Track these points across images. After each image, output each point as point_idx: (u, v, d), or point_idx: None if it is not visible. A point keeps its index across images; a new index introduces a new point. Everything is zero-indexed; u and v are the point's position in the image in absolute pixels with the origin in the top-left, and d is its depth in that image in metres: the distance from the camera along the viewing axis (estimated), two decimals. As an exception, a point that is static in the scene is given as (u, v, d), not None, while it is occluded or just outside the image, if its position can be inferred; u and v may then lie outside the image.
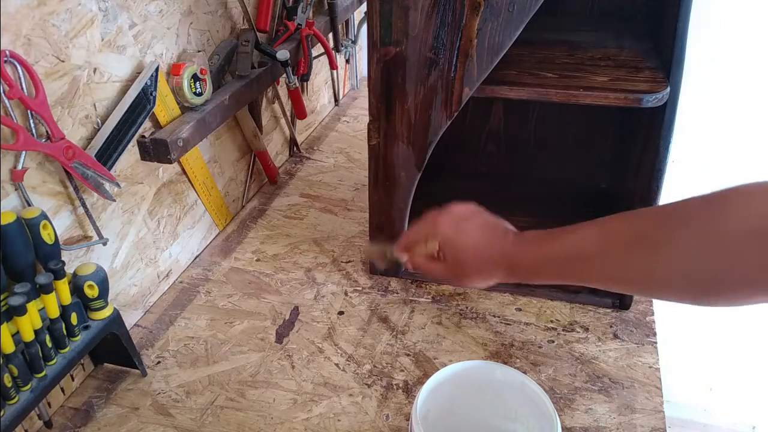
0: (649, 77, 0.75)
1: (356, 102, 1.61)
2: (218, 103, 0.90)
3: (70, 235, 0.73)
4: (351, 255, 1.01)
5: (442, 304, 0.90)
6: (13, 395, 0.60)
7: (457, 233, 0.65)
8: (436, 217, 0.67)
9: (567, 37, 0.90)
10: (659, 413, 0.73)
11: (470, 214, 0.67)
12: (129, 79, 0.78)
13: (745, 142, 1.41)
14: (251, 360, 0.81)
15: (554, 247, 0.58)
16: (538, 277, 0.61)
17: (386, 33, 0.73)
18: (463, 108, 0.76)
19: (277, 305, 0.90)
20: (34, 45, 0.63)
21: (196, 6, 0.89)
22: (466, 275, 0.65)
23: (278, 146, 1.28)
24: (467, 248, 0.64)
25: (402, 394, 0.76)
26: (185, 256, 0.98)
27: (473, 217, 0.66)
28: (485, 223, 0.66)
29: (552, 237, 0.59)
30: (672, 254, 0.48)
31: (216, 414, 0.73)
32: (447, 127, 0.78)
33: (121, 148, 0.76)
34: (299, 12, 1.12)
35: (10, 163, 0.63)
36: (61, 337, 0.65)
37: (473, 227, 0.65)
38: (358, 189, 1.21)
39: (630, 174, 0.93)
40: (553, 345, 0.83)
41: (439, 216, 0.67)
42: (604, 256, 0.54)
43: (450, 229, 0.66)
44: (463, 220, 0.66)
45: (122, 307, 0.83)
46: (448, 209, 0.68)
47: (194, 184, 0.96)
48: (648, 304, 0.89)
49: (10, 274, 0.62)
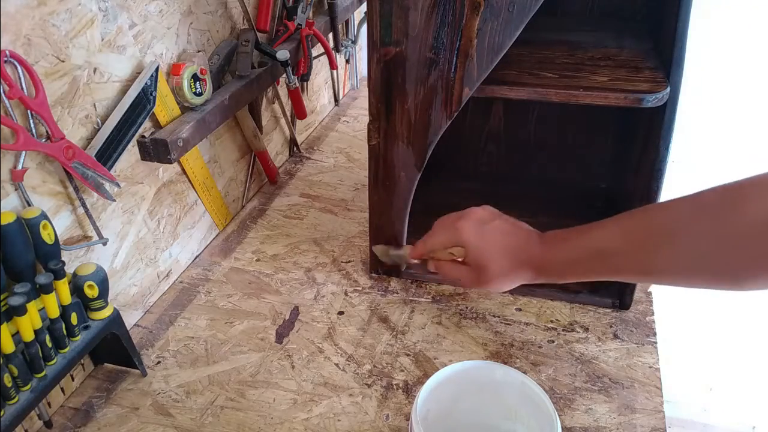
0: (649, 77, 0.75)
1: (356, 102, 1.61)
2: (218, 103, 0.90)
3: (70, 235, 0.73)
4: (351, 255, 1.01)
5: (442, 304, 0.90)
6: (13, 395, 0.60)
7: (482, 238, 0.65)
8: (457, 222, 0.67)
9: (567, 37, 0.90)
10: (659, 413, 0.73)
11: (490, 217, 0.66)
12: (129, 79, 0.78)
13: (745, 142, 1.42)
14: (251, 360, 0.81)
15: (581, 246, 0.59)
16: (566, 275, 0.62)
17: (386, 33, 0.73)
18: (463, 108, 0.76)
19: (277, 305, 0.90)
20: (34, 45, 0.63)
21: (196, 6, 0.89)
22: (492, 279, 0.65)
23: (278, 146, 1.28)
24: (493, 252, 0.64)
25: (402, 394, 0.76)
26: (185, 256, 0.98)
27: (494, 220, 0.66)
28: (507, 226, 0.65)
29: (576, 236, 0.60)
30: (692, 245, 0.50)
31: (216, 414, 0.73)
32: (447, 127, 0.78)
33: (121, 148, 0.76)
34: (299, 12, 1.12)
35: (10, 163, 0.63)
36: (61, 337, 0.65)
37: (496, 231, 0.65)
38: (358, 189, 1.21)
39: (630, 174, 0.93)
40: (553, 345, 0.83)
41: (459, 221, 0.66)
42: (628, 250, 0.55)
43: (473, 233, 0.65)
44: (484, 223, 0.66)
45: (122, 307, 0.83)
46: (466, 214, 0.67)
47: (194, 184, 0.96)
48: (648, 304, 0.89)
49: (10, 274, 0.62)
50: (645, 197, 0.79)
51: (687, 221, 0.50)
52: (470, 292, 0.92)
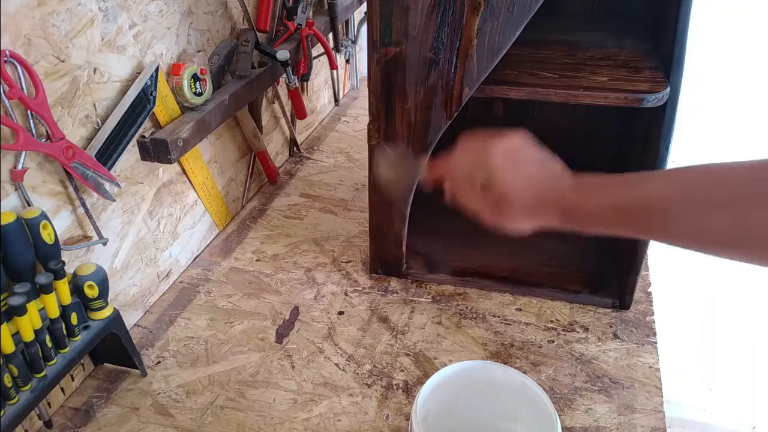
0: (649, 77, 0.75)
1: (356, 102, 1.61)
2: (218, 103, 0.90)
3: (70, 235, 0.73)
4: (351, 255, 1.01)
5: (442, 304, 0.90)
6: (13, 395, 0.60)
7: (511, 166, 0.58)
8: (486, 144, 0.59)
9: (567, 37, 0.90)
10: (659, 413, 0.73)
11: (525, 147, 0.59)
12: (129, 79, 0.78)
13: (745, 141, 1.42)
14: (251, 360, 0.81)
15: (622, 197, 0.52)
16: (596, 224, 0.54)
17: (386, 33, 0.73)
18: (463, 108, 0.76)
19: (277, 305, 0.90)
20: (34, 45, 0.63)
21: (196, 6, 0.89)
22: (512, 214, 0.58)
23: (278, 146, 1.28)
24: (520, 184, 0.57)
25: (402, 394, 0.76)
26: (185, 256, 0.98)
27: (528, 150, 0.59)
28: (541, 159, 0.59)
29: (618, 183, 0.53)
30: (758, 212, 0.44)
31: (216, 414, 0.73)
32: (447, 127, 0.78)
33: (121, 148, 0.76)
34: (299, 12, 1.12)
35: (10, 163, 0.63)
36: (61, 337, 0.65)
37: (528, 162, 0.58)
38: (358, 189, 1.21)
39: (630, 174, 0.93)
40: (553, 345, 0.83)
41: (491, 143, 0.59)
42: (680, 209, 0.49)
43: (502, 159, 0.58)
44: (517, 151, 0.59)
45: (122, 307, 0.83)
46: (499, 138, 0.59)
47: (194, 184, 0.96)
48: (648, 304, 0.89)
49: (10, 274, 0.62)
50: (645, 197, 0.79)
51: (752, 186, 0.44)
52: (470, 292, 0.92)
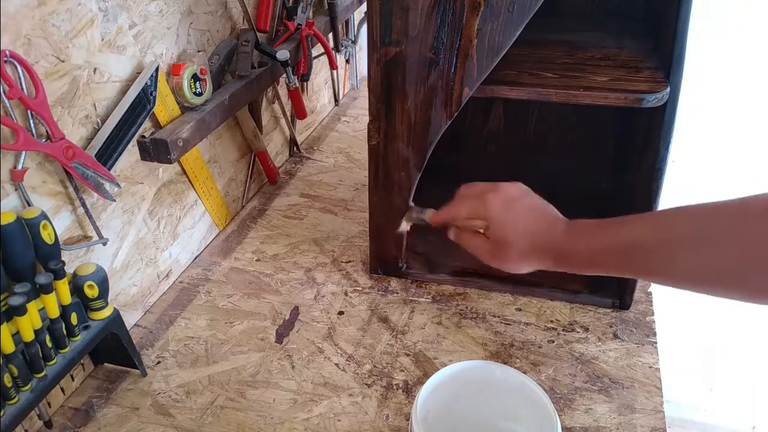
0: (649, 77, 0.75)
1: (356, 102, 1.61)
2: (218, 103, 0.90)
3: (70, 235, 0.73)
4: (351, 255, 1.01)
5: (442, 304, 0.90)
6: (13, 395, 0.60)
7: (507, 216, 0.64)
8: (485, 195, 0.66)
9: (567, 37, 0.89)
10: (659, 413, 0.73)
11: (521, 195, 0.65)
12: (129, 79, 0.78)
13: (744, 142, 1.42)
14: (251, 360, 0.81)
15: (608, 240, 0.57)
16: (586, 268, 0.59)
17: (386, 33, 0.73)
18: (463, 108, 0.76)
19: (277, 305, 0.90)
20: (34, 45, 0.63)
21: (196, 6, 0.89)
22: (510, 258, 0.64)
23: (278, 146, 1.28)
24: (517, 231, 0.63)
25: (402, 394, 0.76)
26: (185, 256, 0.98)
27: (523, 198, 0.65)
28: (536, 207, 0.64)
29: (606, 227, 0.57)
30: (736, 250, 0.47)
31: (216, 414, 0.73)
32: (447, 127, 0.78)
33: (121, 148, 0.76)
34: (299, 12, 1.12)
35: (10, 163, 0.63)
36: (61, 337, 0.65)
37: (524, 210, 0.64)
38: (358, 189, 1.21)
39: (630, 174, 0.93)
40: (553, 345, 0.83)
41: (488, 194, 0.66)
42: (663, 250, 0.52)
43: (499, 210, 0.64)
44: (513, 200, 0.65)
45: (122, 307, 0.83)
46: (496, 188, 0.66)
47: (194, 184, 0.96)
48: (648, 304, 0.89)
49: (10, 274, 0.62)
50: (645, 197, 0.79)
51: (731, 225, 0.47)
52: (470, 292, 0.92)
